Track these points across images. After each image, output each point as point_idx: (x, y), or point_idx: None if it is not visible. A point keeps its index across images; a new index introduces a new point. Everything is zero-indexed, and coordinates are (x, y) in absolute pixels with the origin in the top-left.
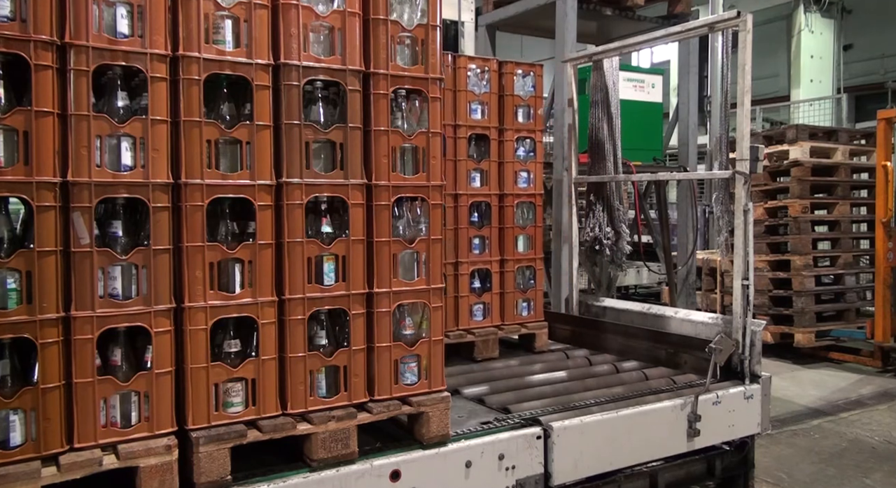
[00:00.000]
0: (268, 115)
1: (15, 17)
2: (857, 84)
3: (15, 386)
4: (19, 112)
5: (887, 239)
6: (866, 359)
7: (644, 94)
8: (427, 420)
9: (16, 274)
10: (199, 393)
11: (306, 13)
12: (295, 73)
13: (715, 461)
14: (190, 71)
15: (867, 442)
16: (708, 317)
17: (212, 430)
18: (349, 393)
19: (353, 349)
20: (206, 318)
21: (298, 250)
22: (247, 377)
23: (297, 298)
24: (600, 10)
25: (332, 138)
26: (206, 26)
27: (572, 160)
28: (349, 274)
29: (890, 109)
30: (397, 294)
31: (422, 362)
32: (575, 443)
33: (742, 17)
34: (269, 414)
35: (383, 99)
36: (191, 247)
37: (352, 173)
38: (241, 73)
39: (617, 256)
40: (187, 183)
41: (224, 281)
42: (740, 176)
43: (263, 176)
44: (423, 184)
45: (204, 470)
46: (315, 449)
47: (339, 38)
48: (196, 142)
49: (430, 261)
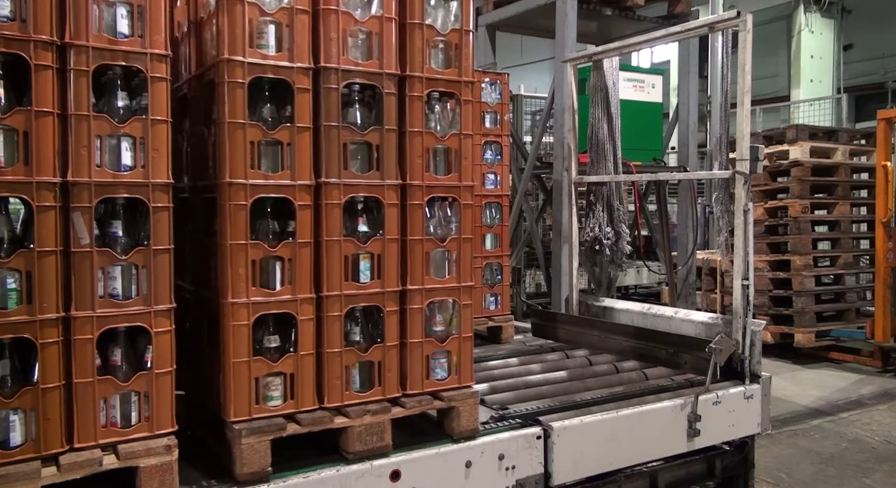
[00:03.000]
0: (308, 117)
1: (15, 17)
2: (857, 84)
3: (15, 386)
4: (19, 112)
5: (887, 239)
6: (866, 359)
7: (644, 94)
8: (457, 414)
9: (16, 274)
10: (240, 387)
11: (346, 18)
12: (334, 76)
13: (715, 461)
14: (234, 74)
15: (867, 442)
16: (708, 317)
17: (253, 423)
18: (383, 388)
19: (386, 345)
20: (249, 314)
21: (336, 249)
22: (286, 372)
23: (334, 295)
24: (600, 10)
25: (369, 140)
26: (250, 31)
27: (572, 160)
28: (384, 272)
29: (890, 109)
30: (429, 291)
31: (451, 358)
32: (575, 443)
33: (742, 17)
34: (306, 407)
35: (418, 101)
36: (234, 244)
37: (387, 174)
38: (282, 77)
39: (617, 256)
40: (231, 182)
41: (265, 278)
42: (740, 176)
43: (303, 176)
44: (455, 184)
45: (246, 462)
46: (351, 441)
47: (376, 42)
48: (240, 143)
49: (460, 259)
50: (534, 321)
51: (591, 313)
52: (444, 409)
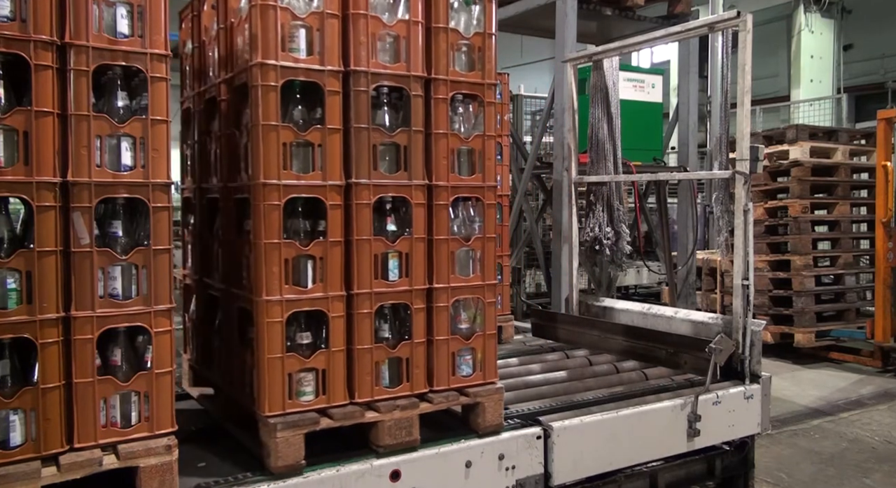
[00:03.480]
0: (338, 119)
1: (15, 17)
2: (857, 84)
3: (15, 386)
4: (19, 112)
5: (887, 239)
6: (866, 359)
7: (644, 94)
8: (483, 410)
9: (16, 274)
10: (274, 383)
11: (374, 22)
12: (364, 79)
13: (715, 461)
14: (267, 78)
15: (867, 442)
16: (708, 317)
17: (287, 417)
18: (411, 384)
19: (414, 342)
20: (282, 311)
21: (366, 247)
22: (318, 367)
23: (364, 293)
24: (600, 10)
25: (397, 141)
26: (282, 35)
27: (572, 160)
28: (412, 270)
29: (890, 109)
30: (455, 289)
31: (476, 355)
32: (575, 443)
33: (742, 17)
34: (337, 402)
35: (443, 103)
36: (268, 243)
37: (414, 174)
38: (313, 79)
39: (617, 256)
40: (265, 183)
41: (297, 276)
42: (740, 176)
43: (334, 176)
44: (479, 184)
45: (281, 455)
46: (381, 436)
47: (403, 45)
48: (273, 144)
49: (484, 257)
50: (534, 321)
51: (591, 313)
52: (470, 405)
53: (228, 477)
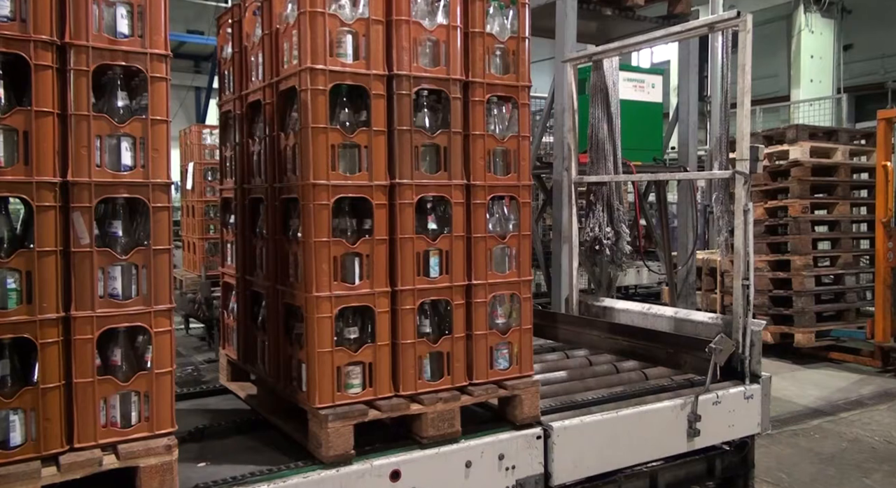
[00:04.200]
0: (383, 121)
1: (15, 17)
2: (857, 84)
3: (15, 386)
4: (19, 112)
5: (887, 239)
6: (866, 359)
7: (644, 94)
8: (520, 402)
9: (16, 274)
10: (324, 375)
11: (416, 28)
12: (406, 82)
13: (715, 461)
14: (317, 82)
15: (867, 442)
16: (708, 317)
17: (337, 409)
18: (452, 377)
19: (454, 336)
20: (332, 307)
21: (409, 245)
22: (364, 361)
23: (407, 289)
24: (600, 10)
25: (438, 142)
26: (330, 41)
27: (572, 160)
28: (451, 267)
29: (890, 109)
30: (492, 285)
31: (513, 349)
32: (575, 443)
33: (742, 17)
34: (383, 395)
35: (480, 105)
36: (318, 242)
37: (454, 174)
38: (360, 83)
39: (617, 256)
40: (315, 183)
41: (345, 273)
42: (740, 176)
43: (379, 177)
44: (514, 183)
45: (332, 444)
46: (425, 427)
47: (443, 50)
48: (322, 146)
49: (520, 254)
50: (534, 321)
51: (591, 313)
52: (507, 397)
53: (282, 466)
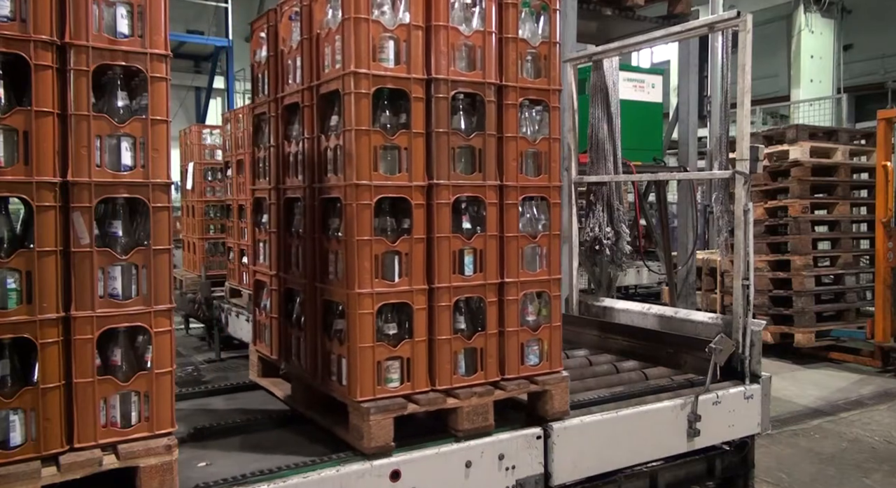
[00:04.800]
0: (422, 123)
1: (15, 17)
2: (857, 84)
3: (15, 386)
4: (19, 112)
5: (887, 239)
6: (866, 359)
7: (644, 94)
8: (550, 397)
9: (16, 274)
10: (365, 369)
11: (453, 33)
12: (444, 86)
13: (715, 461)
14: (360, 85)
15: (867, 442)
16: (708, 317)
17: (378, 402)
18: (485, 372)
19: (488, 333)
20: (373, 303)
21: (446, 244)
22: (403, 356)
23: (443, 287)
24: (600, 10)
25: (473, 144)
26: (372, 46)
27: (572, 160)
28: (485, 265)
29: (890, 109)
30: (524, 283)
31: (543, 345)
32: (575, 443)
33: (742, 17)
34: (420, 389)
35: (513, 108)
36: (360, 240)
37: (488, 175)
38: (401, 87)
39: (617, 256)
40: (358, 184)
41: (386, 271)
42: (740, 176)
43: (418, 178)
44: (545, 184)
45: (374, 437)
46: (461, 421)
47: (479, 54)
48: (365, 148)
49: (550, 253)
50: None
51: (591, 313)
52: (538, 392)
53: (325, 457)
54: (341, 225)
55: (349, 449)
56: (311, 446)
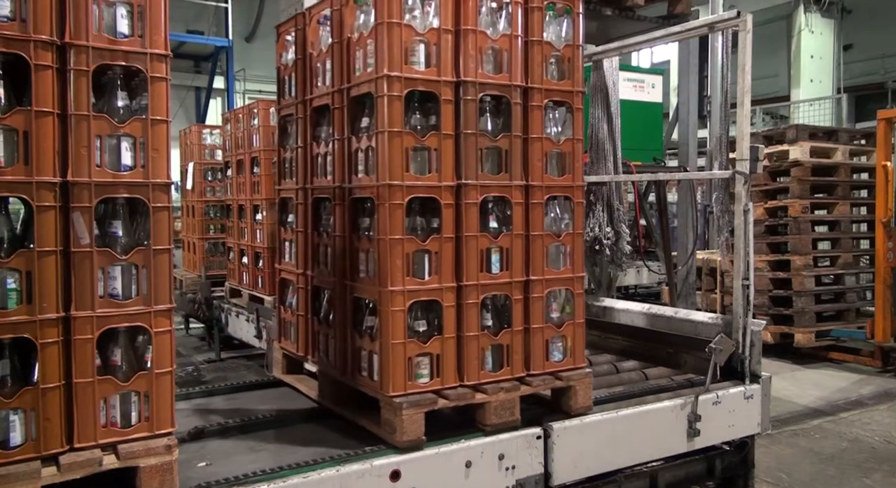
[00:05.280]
0: (451, 125)
1: (15, 17)
2: (857, 84)
3: (15, 386)
4: (19, 112)
5: (887, 239)
6: (866, 359)
7: (644, 94)
8: (574, 393)
9: (16, 274)
10: (397, 365)
11: (481, 37)
12: (472, 88)
13: (715, 461)
14: (393, 88)
15: (867, 442)
16: (708, 317)
17: (409, 397)
18: (511, 368)
19: (514, 329)
20: (404, 301)
21: (473, 243)
22: (433, 352)
23: (471, 285)
24: (600, 10)
25: (500, 145)
26: (404, 50)
27: None
28: (511, 264)
29: (890, 109)
30: (548, 281)
31: (566, 342)
32: (575, 443)
33: (742, 17)
34: (449, 385)
35: (538, 110)
36: (392, 239)
37: (514, 175)
38: (431, 89)
39: (617, 256)
40: (391, 184)
41: (416, 269)
42: (740, 176)
43: (447, 178)
44: (569, 184)
45: (406, 430)
46: (488, 415)
47: (505, 57)
48: (398, 149)
49: (574, 252)
50: None
51: (591, 313)
52: (562, 388)
53: (358, 451)
54: (373, 224)
55: (380, 443)
56: (343, 440)
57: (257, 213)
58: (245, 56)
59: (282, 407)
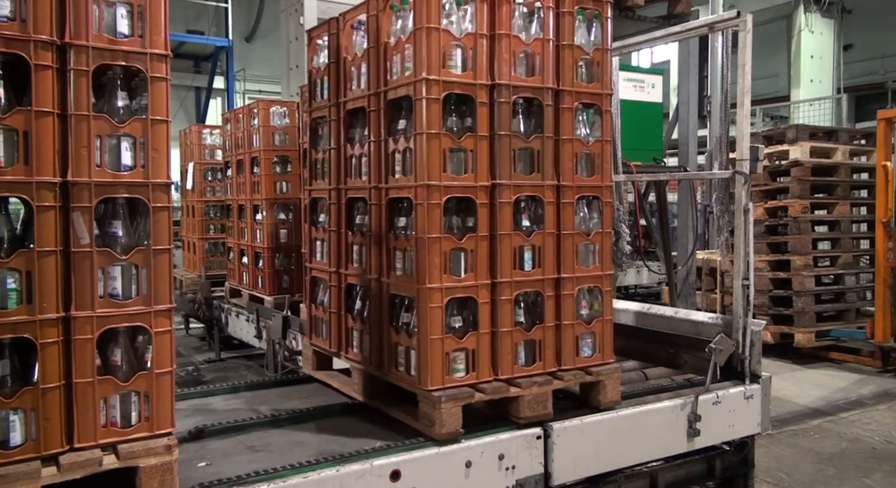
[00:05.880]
0: (486, 126)
1: (15, 17)
2: (857, 84)
3: (15, 386)
4: (19, 112)
5: (887, 239)
6: (866, 359)
7: (644, 94)
8: (603, 387)
9: (16, 274)
10: (435, 360)
11: (515, 41)
12: (506, 91)
13: (715, 461)
14: (431, 91)
15: (867, 442)
16: (708, 317)
17: (447, 391)
18: (543, 363)
19: (545, 325)
20: (442, 297)
21: (507, 241)
22: (468, 347)
23: (505, 282)
24: None
25: (532, 146)
26: (442, 54)
27: None
28: (544, 261)
29: (890, 109)
30: (579, 279)
31: (596, 338)
32: (575, 443)
33: (742, 17)
34: (484, 379)
35: (569, 112)
36: (430, 238)
37: (546, 176)
38: (467, 92)
39: (617, 256)
40: (429, 184)
41: (453, 266)
42: (740, 176)
43: (482, 178)
44: (599, 184)
45: (445, 423)
46: (522, 409)
47: (538, 61)
48: (436, 150)
49: (602, 250)
50: None
51: None
52: (592, 383)
53: (398, 443)
54: (409, 223)
55: (419, 436)
56: (381, 432)
57: (257, 213)
58: (245, 56)
59: (318, 404)
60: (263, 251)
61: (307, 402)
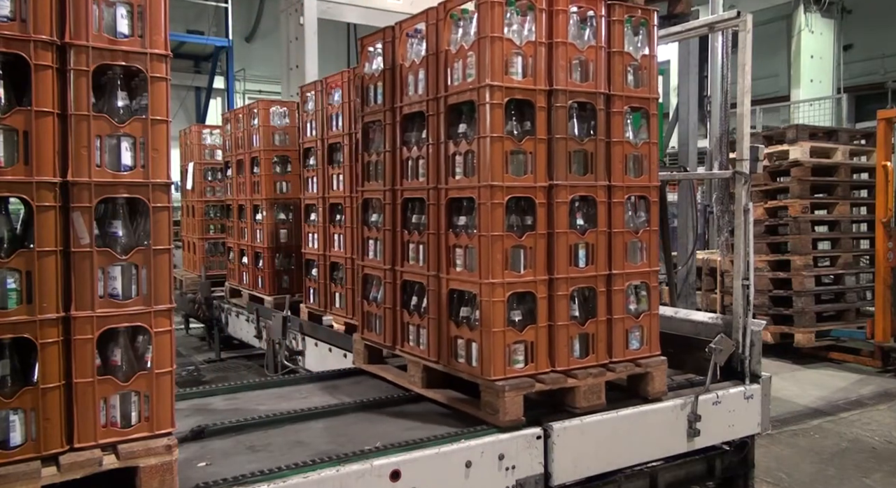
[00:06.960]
0: (544, 130)
1: (15, 17)
2: (857, 84)
3: (15, 386)
4: (19, 112)
5: (887, 239)
6: (866, 359)
7: None
8: (651, 379)
9: (16, 274)
10: (497, 352)
11: (571, 48)
12: (563, 96)
13: (715, 461)
14: (494, 97)
15: (867, 442)
16: (708, 317)
17: (509, 381)
18: (596, 355)
19: (598, 319)
20: (504, 292)
21: (564, 239)
22: (527, 340)
23: (562, 278)
24: None
25: (586, 148)
26: (504, 61)
27: None
28: (596, 258)
29: (890, 109)
30: (628, 275)
31: (644, 331)
32: (575, 443)
33: (742, 17)
34: (542, 370)
35: (619, 116)
36: (493, 236)
37: (599, 176)
38: (527, 98)
39: None
40: (492, 185)
41: (513, 263)
42: (740, 176)
43: (541, 179)
44: (646, 184)
45: (508, 411)
46: (578, 399)
47: (591, 67)
48: (499, 152)
49: (650, 247)
50: None
51: None
52: (640, 374)
53: (462, 430)
54: (469, 222)
55: (480, 423)
56: (444, 419)
57: (257, 213)
58: (245, 56)
59: (376, 393)
60: (263, 251)
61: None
